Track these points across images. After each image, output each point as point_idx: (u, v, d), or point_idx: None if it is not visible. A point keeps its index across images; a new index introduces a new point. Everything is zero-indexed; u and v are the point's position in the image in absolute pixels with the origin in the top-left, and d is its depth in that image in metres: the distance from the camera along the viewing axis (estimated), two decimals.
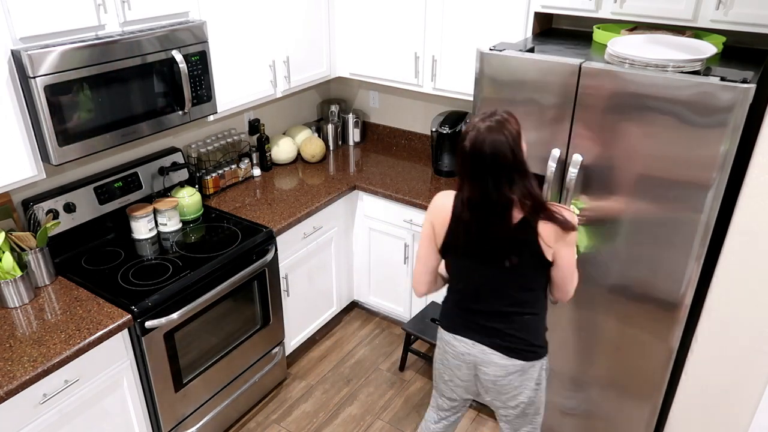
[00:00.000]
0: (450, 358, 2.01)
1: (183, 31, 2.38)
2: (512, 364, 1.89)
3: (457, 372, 2.02)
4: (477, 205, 1.73)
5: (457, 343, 1.96)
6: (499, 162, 1.64)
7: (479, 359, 1.93)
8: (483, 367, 1.94)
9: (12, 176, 2.05)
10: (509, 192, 1.68)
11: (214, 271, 2.46)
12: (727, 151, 1.88)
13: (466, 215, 1.75)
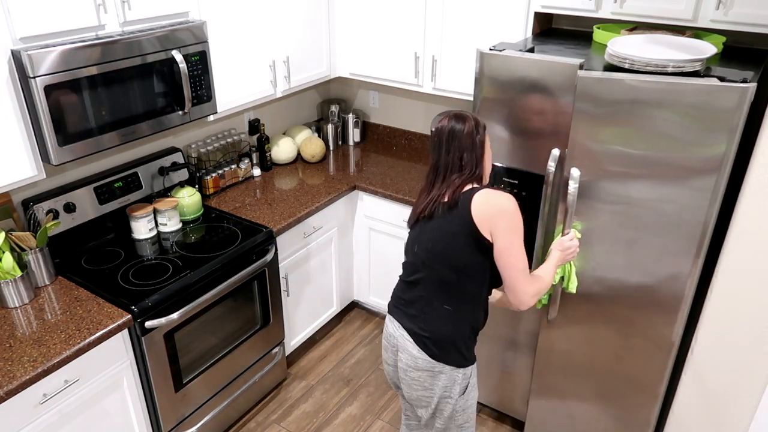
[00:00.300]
0: (383, 339, 2.01)
1: (183, 31, 2.38)
2: (423, 358, 1.85)
3: (384, 354, 2.01)
4: (431, 170, 1.86)
5: (388, 322, 1.98)
6: (455, 134, 1.80)
7: (399, 344, 1.91)
8: (400, 353, 1.91)
9: (12, 176, 2.05)
10: (454, 157, 1.80)
11: (214, 271, 2.46)
12: (727, 151, 1.88)
13: (424, 185, 1.89)
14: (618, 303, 2.28)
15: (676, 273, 2.12)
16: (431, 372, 1.86)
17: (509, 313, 2.59)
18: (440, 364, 1.85)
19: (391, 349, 1.96)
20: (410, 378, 1.90)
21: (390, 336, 1.96)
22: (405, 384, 1.95)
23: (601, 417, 2.54)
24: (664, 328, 2.22)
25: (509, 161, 2.33)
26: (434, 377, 1.86)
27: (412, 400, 1.96)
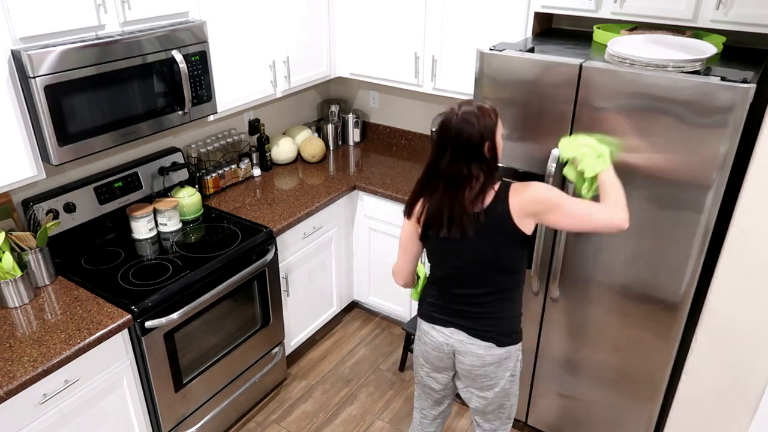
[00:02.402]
0: (429, 349, 2.02)
1: (183, 31, 2.38)
2: (489, 354, 1.91)
3: (437, 363, 2.03)
4: (433, 173, 1.80)
5: (435, 333, 1.98)
6: (462, 136, 1.71)
7: (457, 348, 1.95)
8: (460, 357, 1.95)
9: (12, 176, 2.05)
10: (462, 166, 1.74)
11: (214, 271, 2.46)
12: (727, 151, 1.88)
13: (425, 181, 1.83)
14: (618, 293, 2.28)
15: (676, 272, 2.12)
16: (499, 362, 1.93)
17: None
18: (507, 349, 1.93)
19: (446, 357, 1.99)
20: (476, 375, 1.96)
21: (441, 345, 1.97)
22: (468, 380, 2.00)
23: (602, 413, 2.54)
24: (664, 325, 2.22)
25: (509, 161, 2.33)
26: (501, 364, 1.94)
27: (476, 391, 2.02)
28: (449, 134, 1.74)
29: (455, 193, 1.77)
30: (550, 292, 2.43)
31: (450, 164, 1.75)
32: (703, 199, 1.97)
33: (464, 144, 1.72)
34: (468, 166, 1.74)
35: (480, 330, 1.91)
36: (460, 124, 1.72)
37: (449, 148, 1.74)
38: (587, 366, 2.48)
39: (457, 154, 1.74)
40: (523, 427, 2.86)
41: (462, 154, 1.73)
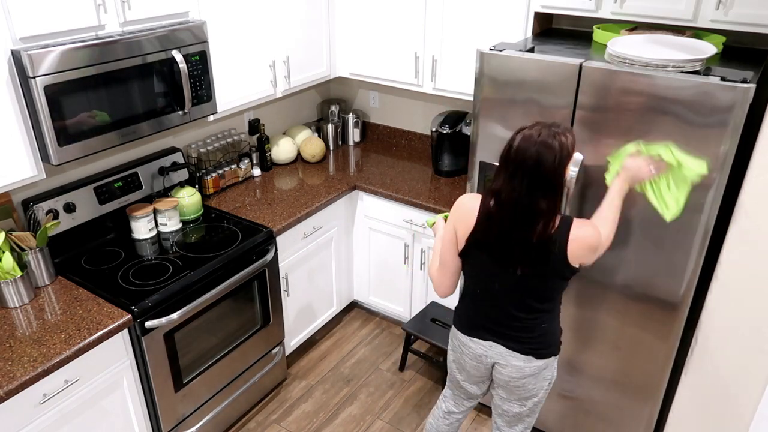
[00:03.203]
0: (467, 359, 2.03)
1: (183, 31, 2.38)
2: (529, 366, 1.93)
3: (474, 372, 2.05)
4: (504, 202, 1.72)
5: (473, 345, 1.99)
6: (540, 168, 1.64)
7: (497, 360, 1.97)
8: (500, 368, 1.97)
9: (12, 176, 2.05)
10: (538, 199, 1.67)
11: (214, 271, 2.46)
12: (727, 151, 1.88)
13: (494, 209, 1.75)
14: (618, 293, 2.28)
15: (676, 272, 2.12)
16: (538, 373, 1.95)
17: None
18: (545, 361, 1.94)
19: (484, 368, 2.02)
20: (514, 386, 1.98)
21: (480, 357, 1.99)
22: (506, 390, 2.02)
23: (602, 413, 2.54)
24: (664, 325, 2.22)
25: None
26: (539, 374, 1.96)
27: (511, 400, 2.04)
28: (525, 157, 1.65)
29: (520, 227, 1.72)
30: None
31: (522, 195, 1.68)
32: (703, 199, 1.97)
33: (543, 175, 1.65)
34: (545, 199, 1.68)
35: (518, 346, 1.91)
36: (540, 149, 1.64)
37: (520, 174, 1.67)
38: (587, 366, 2.48)
39: (530, 184, 1.66)
40: None
41: (538, 184, 1.66)
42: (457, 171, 3.27)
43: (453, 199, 3.01)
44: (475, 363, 2.01)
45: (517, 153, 1.67)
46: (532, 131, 1.67)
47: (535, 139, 1.65)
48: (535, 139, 1.65)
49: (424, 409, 2.97)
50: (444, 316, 3.10)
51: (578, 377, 2.52)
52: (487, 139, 2.35)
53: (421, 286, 3.25)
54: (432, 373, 3.19)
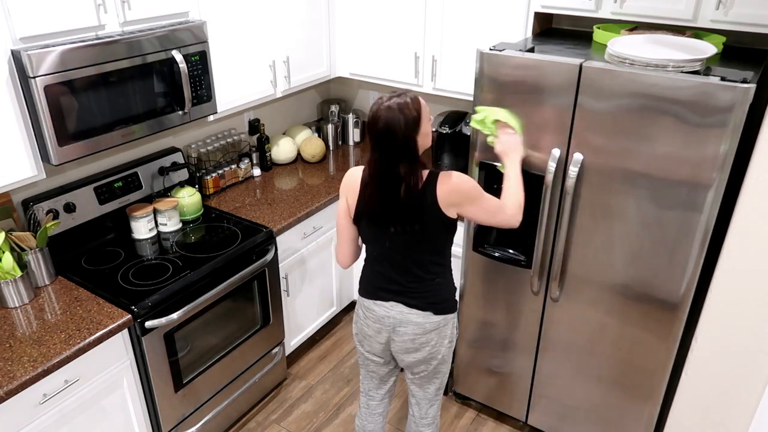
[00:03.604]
0: (370, 323, 2.09)
1: (183, 31, 2.38)
2: (428, 321, 2.01)
3: (377, 337, 2.10)
4: (373, 175, 1.88)
5: (377, 307, 2.06)
6: (389, 139, 1.79)
7: (398, 320, 2.03)
8: (401, 328, 2.03)
9: (12, 176, 2.05)
10: (397, 165, 1.82)
11: (214, 271, 2.46)
12: (727, 151, 1.88)
13: (368, 179, 1.91)
14: (618, 293, 2.28)
15: (676, 272, 2.12)
16: (438, 329, 2.03)
17: (509, 313, 2.59)
18: (445, 316, 2.03)
19: (386, 329, 2.06)
20: (419, 344, 2.04)
21: (383, 318, 2.05)
22: (411, 351, 2.07)
23: (602, 413, 2.54)
24: (664, 325, 2.22)
25: None
26: (441, 331, 2.04)
27: (418, 362, 2.10)
28: (380, 131, 1.81)
29: (387, 193, 1.86)
30: (550, 292, 2.43)
31: (381, 162, 1.84)
32: (703, 199, 1.97)
33: (395, 140, 1.79)
34: (398, 165, 1.82)
35: (417, 302, 2.00)
36: (387, 119, 1.78)
37: (380, 140, 1.82)
38: (587, 366, 2.48)
39: (386, 151, 1.82)
40: (523, 427, 2.86)
41: (391, 151, 1.81)
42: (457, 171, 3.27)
43: None
44: (378, 326, 2.06)
45: (372, 123, 1.82)
46: (378, 106, 1.81)
47: (382, 113, 1.79)
48: (382, 112, 1.79)
49: None
50: None
51: (578, 377, 2.52)
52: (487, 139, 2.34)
53: None
54: None
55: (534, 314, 2.52)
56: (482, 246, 2.54)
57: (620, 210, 2.15)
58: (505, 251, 2.50)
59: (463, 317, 2.75)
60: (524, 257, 2.44)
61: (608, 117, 2.05)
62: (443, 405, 2.99)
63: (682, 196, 2.00)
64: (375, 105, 1.82)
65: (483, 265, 2.57)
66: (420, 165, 1.86)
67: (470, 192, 1.90)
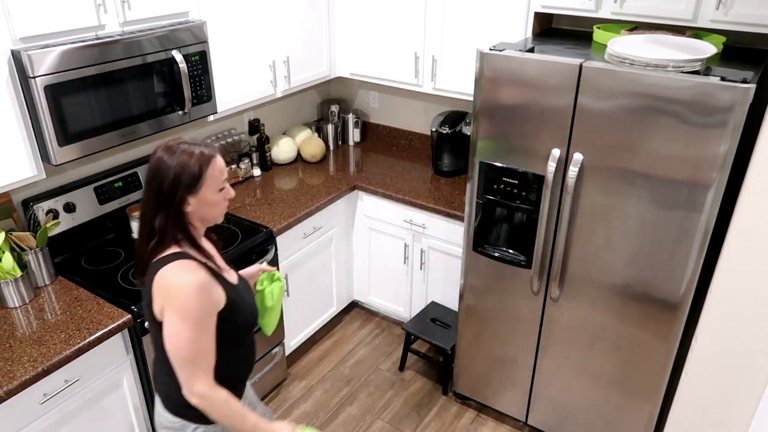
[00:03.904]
0: None
1: (183, 31, 2.38)
2: (161, 415, 1.64)
3: None
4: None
5: None
6: (153, 182, 1.46)
7: None
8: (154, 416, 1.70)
9: (12, 176, 2.05)
10: (156, 214, 1.47)
11: None
12: (727, 151, 1.88)
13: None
14: (618, 293, 2.28)
15: (676, 272, 2.12)
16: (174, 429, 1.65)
17: (509, 313, 2.59)
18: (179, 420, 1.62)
19: None
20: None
21: None
22: None
23: (602, 413, 2.54)
24: (664, 325, 2.22)
25: (509, 161, 2.33)
26: None
27: None
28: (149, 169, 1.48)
29: (141, 240, 1.52)
30: (550, 292, 2.43)
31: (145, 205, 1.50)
32: (703, 199, 1.97)
33: (154, 187, 1.46)
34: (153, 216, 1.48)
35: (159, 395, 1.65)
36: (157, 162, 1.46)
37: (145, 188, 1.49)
38: (587, 366, 2.48)
39: (147, 197, 1.48)
40: (523, 427, 2.86)
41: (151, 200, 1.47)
42: (457, 171, 3.27)
43: (453, 199, 3.01)
44: None
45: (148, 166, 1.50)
46: (177, 140, 1.50)
47: (164, 147, 1.48)
48: (167, 145, 1.48)
49: (424, 409, 2.97)
50: (444, 317, 3.10)
51: (578, 377, 2.52)
52: (487, 139, 2.35)
53: (421, 286, 3.25)
54: (432, 374, 3.19)
55: (534, 314, 2.52)
56: (482, 246, 2.54)
57: (620, 210, 2.15)
58: (505, 251, 2.50)
59: (463, 317, 2.75)
60: (524, 257, 2.45)
61: (608, 117, 2.05)
62: (443, 405, 2.99)
63: (682, 196, 2.01)
64: (164, 144, 1.49)
65: (483, 265, 2.57)
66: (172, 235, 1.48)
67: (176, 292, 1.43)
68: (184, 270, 1.45)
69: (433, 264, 3.13)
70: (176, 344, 1.45)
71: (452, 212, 2.90)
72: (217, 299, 1.51)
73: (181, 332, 1.44)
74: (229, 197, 1.56)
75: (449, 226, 2.96)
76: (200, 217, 1.53)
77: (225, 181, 1.54)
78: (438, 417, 2.93)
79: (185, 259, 1.48)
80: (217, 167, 1.49)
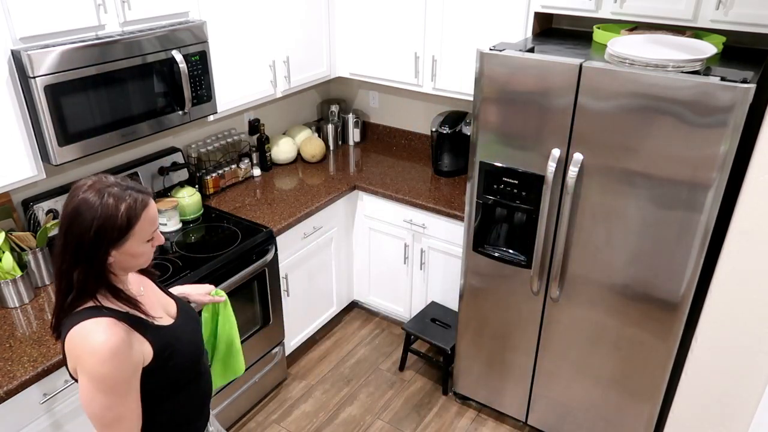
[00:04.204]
0: None
1: (183, 31, 2.38)
2: None
3: None
4: None
5: None
6: (72, 232, 1.29)
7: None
8: None
9: (12, 176, 2.05)
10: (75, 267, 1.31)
11: (214, 271, 2.46)
12: (727, 151, 1.88)
13: None
14: (618, 293, 2.28)
15: (676, 272, 2.12)
16: None
17: (509, 313, 2.59)
18: None
19: None
20: None
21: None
22: None
23: (602, 413, 2.54)
24: (664, 325, 2.22)
25: (509, 161, 2.33)
26: None
27: None
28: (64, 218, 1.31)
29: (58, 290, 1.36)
30: (550, 292, 2.43)
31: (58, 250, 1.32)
32: (703, 199, 1.97)
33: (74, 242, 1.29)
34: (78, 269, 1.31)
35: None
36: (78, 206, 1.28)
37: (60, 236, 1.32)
38: (587, 366, 2.48)
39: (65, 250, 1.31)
40: (523, 427, 2.86)
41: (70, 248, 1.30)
42: (457, 171, 3.27)
43: (453, 199, 3.01)
44: None
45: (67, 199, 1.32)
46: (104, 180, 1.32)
47: (89, 187, 1.30)
48: (93, 186, 1.30)
49: (424, 409, 2.97)
50: (444, 317, 3.10)
51: (578, 377, 2.52)
52: (487, 139, 2.35)
53: (421, 286, 3.25)
54: (432, 374, 3.19)
55: (534, 314, 2.52)
56: (482, 246, 2.54)
57: (620, 210, 2.15)
58: (505, 251, 2.50)
59: (463, 317, 2.75)
60: (524, 257, 2.45)
61: (608, 117, 2.05)
62: (443, 405, 2.99)
63: (682, 196, 2.01)
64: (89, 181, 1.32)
65: (483, 265, 2.57)
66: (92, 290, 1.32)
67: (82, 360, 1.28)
68: (96, 331, 1.28)
69: (433, 264, 3.14)
70: (91, 411, 1.31)
71: (452, 212, 2.90)
72: (137, 358, 1.34)
73: (94, 398, 1.29)
74: (158, 244, 1.41)
75: (449, 226, 2.96)
76: (122, 267, 1.37)
77: (156, 230, 1.38)
78: (438, 417, 2.93)
79: (100, 317, 1.30)
80: (148, 218, 1.33)
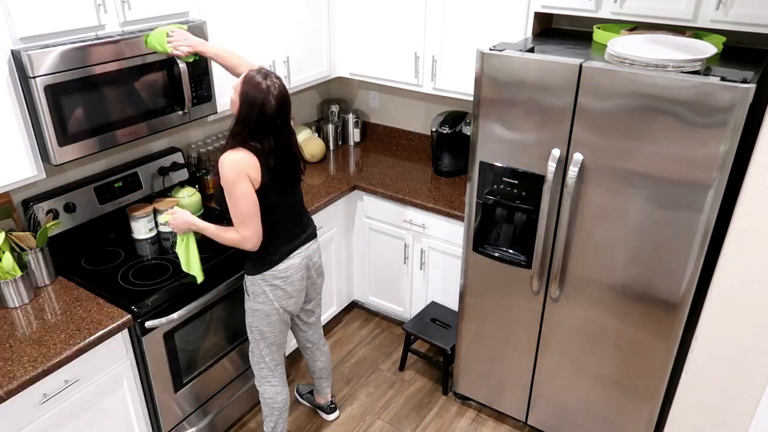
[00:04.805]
0: (296, 277, 2.29)
1: None
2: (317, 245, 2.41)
3: (302, 282, 2.34)
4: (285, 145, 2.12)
5: (298, 259, 2.28)
6: (288, 109, 2.10)
7: (313, 249, 2.36)
8: (315, 258, 2.38)
9: (12, 176, 2.05)
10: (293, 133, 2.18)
11: (214, 271, 2.46)
12: (727, 151, 1.88)
13: (280, 155, 2.11)
14: (618, 293, 2.28)
15: (676, 272, 2.12)
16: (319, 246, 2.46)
17: (509, 313, 2.59)
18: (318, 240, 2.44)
19: (307, 269, 2.35)
20: (320, 267, 2.47)
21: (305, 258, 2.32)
22: (321, 275, 2.48)
23: (602, 413, 2.54)
24: (664, 325, 2.22)
25: (509, 161, 2.33)
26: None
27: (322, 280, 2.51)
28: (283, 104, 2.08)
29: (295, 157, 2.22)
30: (550, 292, 2.43)
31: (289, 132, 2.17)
32: (703, 199, 1.97)
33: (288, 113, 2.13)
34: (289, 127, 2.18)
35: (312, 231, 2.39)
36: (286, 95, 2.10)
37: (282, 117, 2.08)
38: (587, 366, 2.48)
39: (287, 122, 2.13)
40: (523, 427, 2.86)
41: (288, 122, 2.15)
42: (457, 171, 3.27)
43: (453, 199, 3.01)
44: (303, 272, 2.31)
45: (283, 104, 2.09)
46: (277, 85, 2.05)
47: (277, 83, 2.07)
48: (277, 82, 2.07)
49: (424, 409, 2.97)
50: (444, 317, 3.10)
51: (578, 377, 2.52)
52: (487, 139, 2.35)
53: (421, 286, 3.25)
54: (432, 374, 3.19)
55: (534, 314, 2.53)
56: (482, 246, 2.54)
57: (620, 210, 2.15)
58: (505, 251, 2.50)
59: (462, 317, 2.76)
60: (524, 257, 2.45)
61: (608, 117, 2.05)
62: (443, 405, 3.00)
63: (682, 196, 2.01)
64: (263, 80, 2.00)
65: (483, 265, 2.58)
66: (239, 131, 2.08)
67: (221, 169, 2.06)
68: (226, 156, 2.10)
69: (433, 264, 3.14)
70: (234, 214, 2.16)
71: (452, 212, 2.90)
72: None
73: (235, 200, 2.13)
74: None
75: (449, 226, 2.96)
76: None
77: None
78: (438, 417, 2.93)
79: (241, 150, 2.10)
80: None
